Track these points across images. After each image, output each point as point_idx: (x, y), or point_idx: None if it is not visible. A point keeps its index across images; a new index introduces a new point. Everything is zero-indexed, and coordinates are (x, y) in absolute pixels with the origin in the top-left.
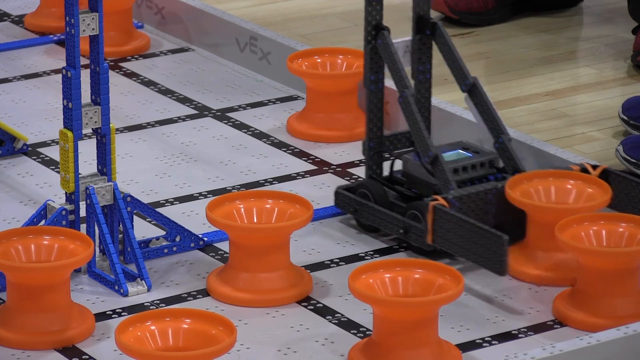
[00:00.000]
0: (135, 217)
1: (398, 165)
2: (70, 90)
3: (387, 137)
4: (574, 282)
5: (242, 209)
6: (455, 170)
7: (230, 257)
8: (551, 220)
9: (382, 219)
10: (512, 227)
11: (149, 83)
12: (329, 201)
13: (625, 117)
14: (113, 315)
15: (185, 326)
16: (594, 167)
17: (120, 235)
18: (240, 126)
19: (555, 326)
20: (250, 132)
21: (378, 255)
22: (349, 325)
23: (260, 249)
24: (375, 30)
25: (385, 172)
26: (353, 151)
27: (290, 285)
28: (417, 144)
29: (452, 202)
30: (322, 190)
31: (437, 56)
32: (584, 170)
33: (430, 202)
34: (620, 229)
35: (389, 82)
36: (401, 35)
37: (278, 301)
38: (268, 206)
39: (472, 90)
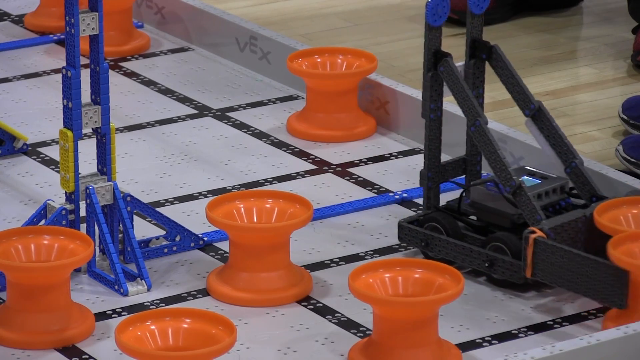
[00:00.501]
0: (135, 217)
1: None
2: (70, 89)
3: (442, 165)
4: None
5: (242, 209)
6: (535, 198)
7: (230, 256)
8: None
9: (459, 252)
10: (597, 255)
11: (149, 83)
12: (329, 201)
13: (625, 117)
14: (113, 315)
15: (185, 326)
16: None
17: (120, 235)
18: (240, 126)
19: (555, 326)
20: (250, 132)
21: (378, 255)
22: (349, 324)
23: (260, 249)
24: (436, 57)
25: (442, 202)
26: (353, 151)
27: (290, 285)
28: (497, 173)
29: (547, 233)
30: (322, 190)
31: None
32: None
33: (529, 234)
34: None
35: (388, 82)
36: (397, 38)
37: (278, 301)
38: (268, 206)
39: (537, 115)
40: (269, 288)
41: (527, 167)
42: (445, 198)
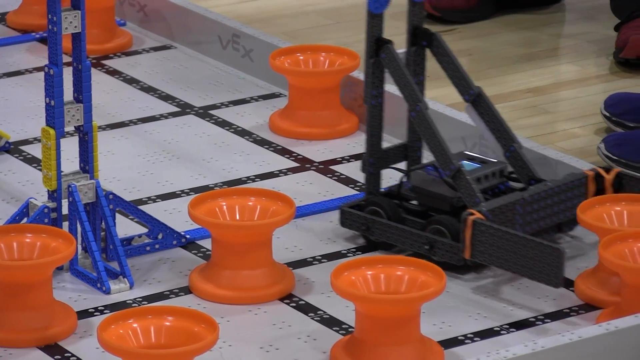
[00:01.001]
0: (117, 215)
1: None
2: (52, 88)
3: (386, 150)
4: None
5: (225, 207)
6: (474, 182)
7: (212, 254)
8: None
9: (399, 235)
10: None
11: (131, 81)
12: (312, 198)
13: (608, 114)
14: (95, 313)
15: (168, 324)
16: (607, 171)
17: (103, 233)
18: (223, 124)
19: (537, 323)
20: (233, 130)
21: (360, 253)
22: (331, 322)
23: (243, 247)
24: (378, 44)
25: (384, 187)
26: (335, 148)
27: (272, 283)
28: (437, 158)
29: (486, 214)
30: (304, 188)
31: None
32: (597, 174)
33: (467, 216)
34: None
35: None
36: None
37: (260, 298)
38: (250, 204)
39: (477, 100)
40: (252, 286)
41: (466, 152)
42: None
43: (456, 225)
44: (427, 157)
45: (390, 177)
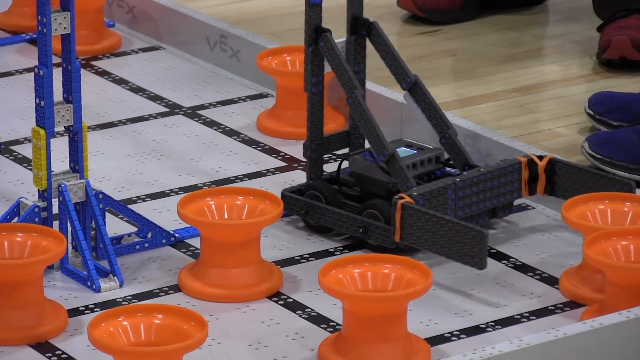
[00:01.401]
0: (107, 214)
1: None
2: (42, 88)
3: (327, 137)
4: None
5: (213, 206)
6: (410, 167)
7: (201, 253)
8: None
9: (336, 219)
10: (469, 221)
11: (120, 81)
12: None
13: (592, 112)
14: (86, 311)
15: (157, 321)
16: (540, 157)
17: (93, 232)
18: (211, 123)
19: (522, 320)
20: (221, 130)
21: (347, 251)
22: (319, 320)
23: (231, 245)
24: (316, 32)
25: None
26: None
27: (260, 281)
28: (372, 143)
29: (416, 199)
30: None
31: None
32: (530, 161)
33: (397, 200)
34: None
35: None
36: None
37: (249, 296)
38: (239, 202)
39: (414, 88)
40: (240, 284)
41: (405, 139)
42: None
43: (389, 209)
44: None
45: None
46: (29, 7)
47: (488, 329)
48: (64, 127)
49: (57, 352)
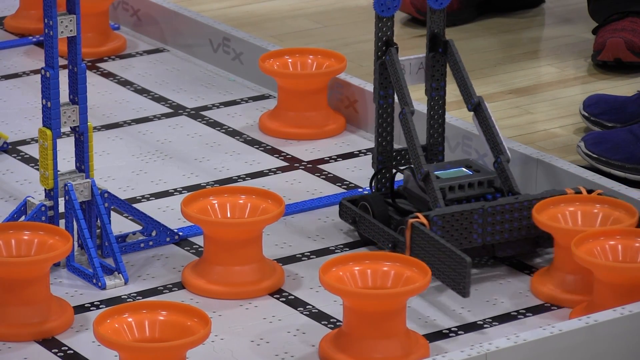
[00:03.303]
0: (112, 213)
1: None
2: (49, 90)
3: (397, 150)
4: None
5: (216, 205)
6: (451, 188)
7: (204, 251)
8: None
9: (376, 232)
10: (502, 248)
11: (125, 83)
12: (300, 196)
13: (586, 114)
14: (91, 308)
15: (162, 318)
16: (589, 191)
17: (98, 230)
18: (214, 124)
19: (519, 317)
20: (224, 130)
21: (348, 249)
22: (319, 316)
23: (234, 243)
24: (385, 46)
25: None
26: (323, 148)
27: (262, 278)
28: (412, 161)
29: (433, 220)
30: (293, 186)
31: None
32: (578, 193)
33: (409, 219)
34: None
35: (357, 81)
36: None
37: (251, 293)
38: (241, 201)
39: (477, 109)
40: (242, 281)
41: (471, 160)
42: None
43: None
44: (448, 158)
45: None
46: (36, 10)
47: (486, 326)
48: (70, 127)
49: (63, 348)
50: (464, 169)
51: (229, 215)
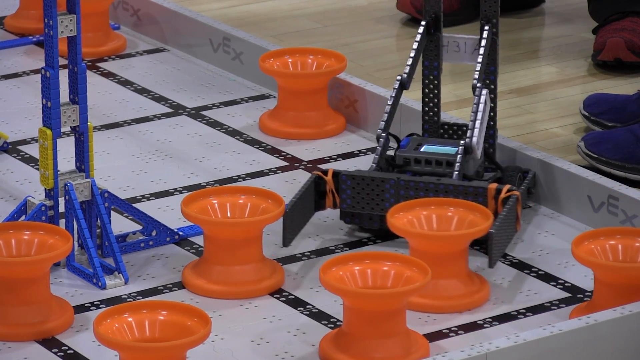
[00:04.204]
0: (112, 212)
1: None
2: (49, 89)
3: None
4: None
5: (216, 204)
6: (417, 161)
7: (204, 250)
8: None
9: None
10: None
11: (125, 82)
12: None
13: (587, 114)
14: (91, 308)
15: (162, 318)
16: (510, 190)
17: (98, 230)
18: (214, 124)
19: (519, 317)
20: (224, 130)
21: (348, 249)
22: (320, 316)
23: (234, 243)
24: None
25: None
26: (323, 148)
27: (262, 278)
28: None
29: (342, 178)
30: (293, 186)
31: None
32: (497, 192)
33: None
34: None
35: (357, 81)
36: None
37: (251, 293)
38: (241, 201)
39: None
40: (243, 281)
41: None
42: None
43: None
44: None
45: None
46: (36, 10)
47: (486, 325)
48: (70, 127)
49: (63, 348)
50: (453, 149)
51: (229, 215)
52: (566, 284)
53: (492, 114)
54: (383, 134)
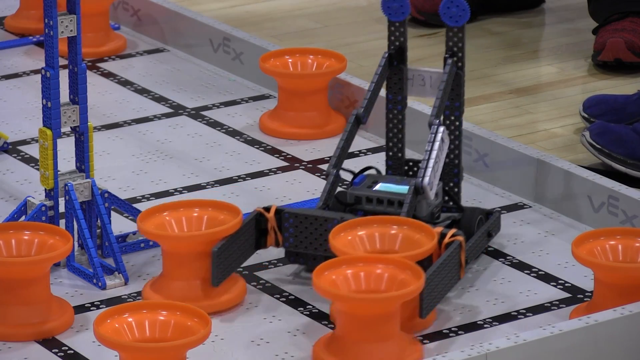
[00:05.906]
0: (112, 213)
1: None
2: (49, 90)
3: (408, 159)
4: None
5: (172, 220)
6: (369, 200)
7: (163, 266)
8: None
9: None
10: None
11: (125, 83)
12: (300, 196)
13: (586, 115)
14: (92, 308)
15: (162, 318)
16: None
17: (98, 230)
18: (214, 124)
19: (519, 317)
20: (224, 130)
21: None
22: (319, 316)
23: (191, 257)
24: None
25: None
26: (323, 148)
27: (223, 292)
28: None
29: (285, 216)
30: (293, 186)
31: None
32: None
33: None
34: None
35: (357, 81)
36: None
37: (208, 308)
38: (195, 214)
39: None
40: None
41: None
42: None
43: None
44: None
45: None
46: (36, 10)
47: (485, 325)
48: (70, 127)
49: (63, 348)
50: (401, 186)
51: (185, 230)
52: (566, 284)
53: (457, 152)
54: (333, 170)
